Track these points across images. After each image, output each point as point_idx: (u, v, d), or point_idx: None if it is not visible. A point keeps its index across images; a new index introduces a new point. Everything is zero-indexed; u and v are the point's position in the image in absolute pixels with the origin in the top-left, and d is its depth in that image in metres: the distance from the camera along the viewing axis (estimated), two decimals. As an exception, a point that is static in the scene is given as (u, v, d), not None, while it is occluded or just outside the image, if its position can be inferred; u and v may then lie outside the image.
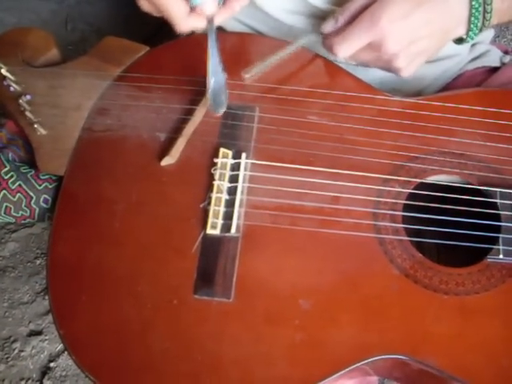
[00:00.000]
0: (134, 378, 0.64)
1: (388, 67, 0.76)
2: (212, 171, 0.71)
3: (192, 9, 0.69)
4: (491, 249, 0.67)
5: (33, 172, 0.78)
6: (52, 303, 0.67)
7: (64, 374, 1.25)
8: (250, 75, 0.77)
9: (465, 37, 0.74)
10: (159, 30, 1.26)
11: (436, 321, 0.64)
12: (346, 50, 0.73)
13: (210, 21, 0.70)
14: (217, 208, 0.69)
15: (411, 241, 0.68)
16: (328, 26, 0.75)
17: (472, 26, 0.72)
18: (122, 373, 0.64)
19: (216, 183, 0.70)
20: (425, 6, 0.70)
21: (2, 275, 1.36)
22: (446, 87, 0.91)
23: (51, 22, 1.45)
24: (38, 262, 1.37)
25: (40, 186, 0.77)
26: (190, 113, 0.75)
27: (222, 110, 0.73)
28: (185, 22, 0.70)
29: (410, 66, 0.75)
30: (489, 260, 0.67)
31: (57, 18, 1.46)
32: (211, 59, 0.71)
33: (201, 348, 0.64)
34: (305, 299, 0.65)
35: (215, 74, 0.71)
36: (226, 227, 0.68)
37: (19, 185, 0.77)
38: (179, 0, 0.68)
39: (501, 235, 0.67)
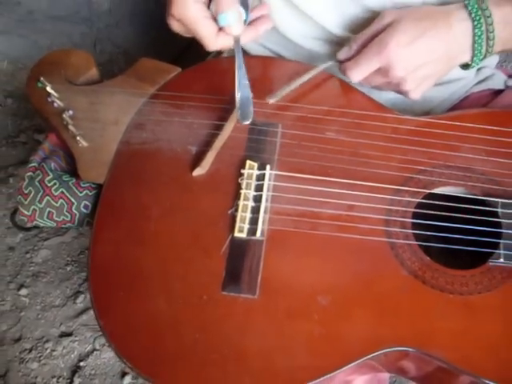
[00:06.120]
0: (167, 365, 0.67)
1: (398, 90, 0.80)
2: (239, 181, 0.75)
3: (220, 29, 0.74)
4: (493, 253, 0.71)
5: (74, 180, 0.81)
6: (92, 297, 0.71)
7: (93, 372, 1.27)
8: (274, 100, 0.82)
9: (470, 63, 0.78)
10: (184, 51, 1.30)
11: (442, 317, 0.68)
12: (357, 75, 0.78)
13: (237, 40, 0.76)
14: (243, 214, 0.73)
15: (420, 245, 0.72)
16: (343, 53, 0.81)
17: (476, 52, 0.76)
18: (157, 360, 0.67)
19: (243, 192, 0.74)
20: (429, 34, 0.74)
21: (35, 280, 1.39)
22: (453, 108, 0.94)
23: (81, 44, 1.48)
24: (68, 268, 1.40)
25: (81, 192, 0.80)
26: (219, 128, 0.79)
27: (248, 121, 0.76)
28: (214, 42, 0.75)
29: (418, 89, 0.79)
30: (490, 263, 0.70)
31: (86, 41, 1.49)
32: (238, 74, 0.75)
33: (227, 339, 0.67)
34: (323, 296, 0.69)
35: (242, 88, 0.76)
36: (252, 231, 0.72)
37: (62, 191, 0.80)
38: (208, 21, 0.73)
39: (502, 241, 0.71)
